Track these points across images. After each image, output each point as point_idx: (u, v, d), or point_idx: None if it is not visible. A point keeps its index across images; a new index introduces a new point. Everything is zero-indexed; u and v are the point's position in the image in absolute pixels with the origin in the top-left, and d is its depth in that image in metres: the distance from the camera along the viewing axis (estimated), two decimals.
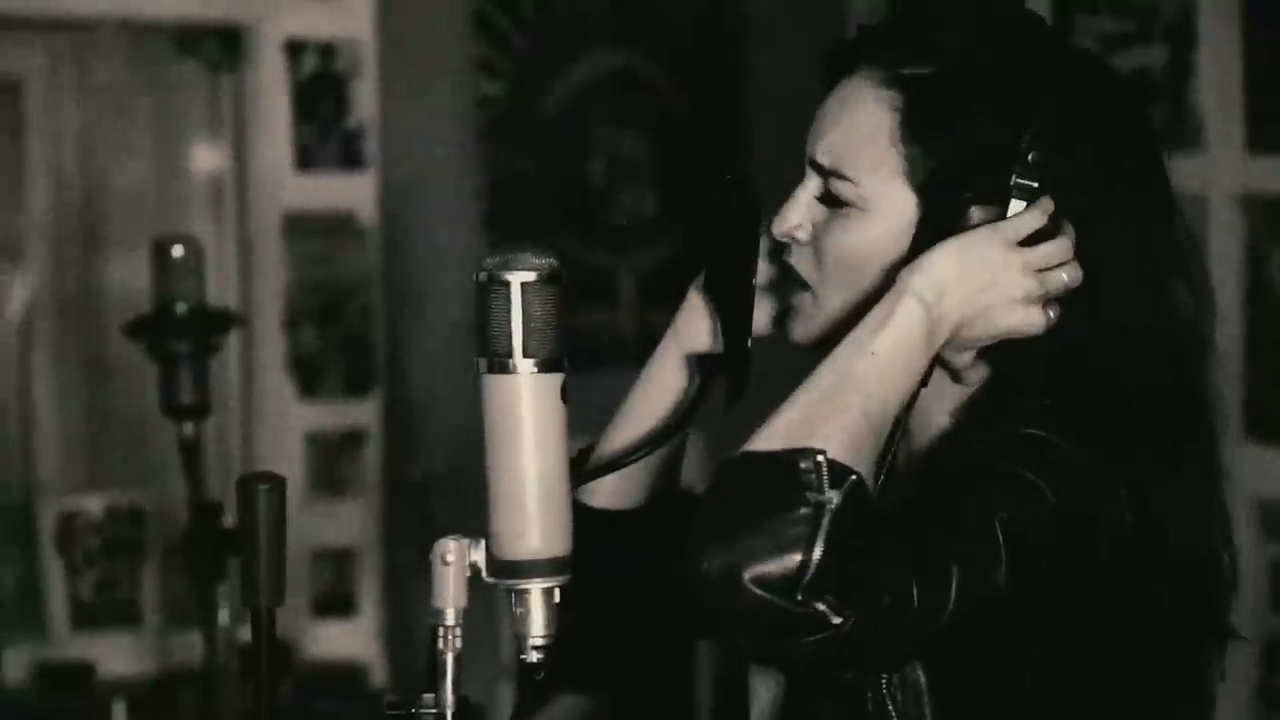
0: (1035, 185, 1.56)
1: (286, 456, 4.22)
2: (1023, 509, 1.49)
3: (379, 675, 4.27)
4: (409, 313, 4.33)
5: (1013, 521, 1.48)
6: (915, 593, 1.44)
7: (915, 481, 1.60)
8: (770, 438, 1.49)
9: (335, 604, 4.29)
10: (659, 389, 1.76)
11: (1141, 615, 1.56)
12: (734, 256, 1.67)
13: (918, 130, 1.59)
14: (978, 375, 1.61)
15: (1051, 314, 1.57)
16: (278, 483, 1.40)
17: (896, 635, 1.46)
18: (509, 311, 1.45)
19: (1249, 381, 3.39)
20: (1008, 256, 1.55)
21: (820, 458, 1.45)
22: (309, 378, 4.28)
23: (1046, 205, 1.57)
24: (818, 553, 1.42)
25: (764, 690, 1.68)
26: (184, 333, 2.65)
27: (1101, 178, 1.59)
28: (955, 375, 1.62)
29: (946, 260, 1.55)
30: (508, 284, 1.45)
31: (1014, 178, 1.56)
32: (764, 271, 1.68)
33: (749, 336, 1.67)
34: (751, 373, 1.67)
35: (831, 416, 1.50)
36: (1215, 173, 3.43)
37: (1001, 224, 1.56)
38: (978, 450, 1.55)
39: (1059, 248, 1.57)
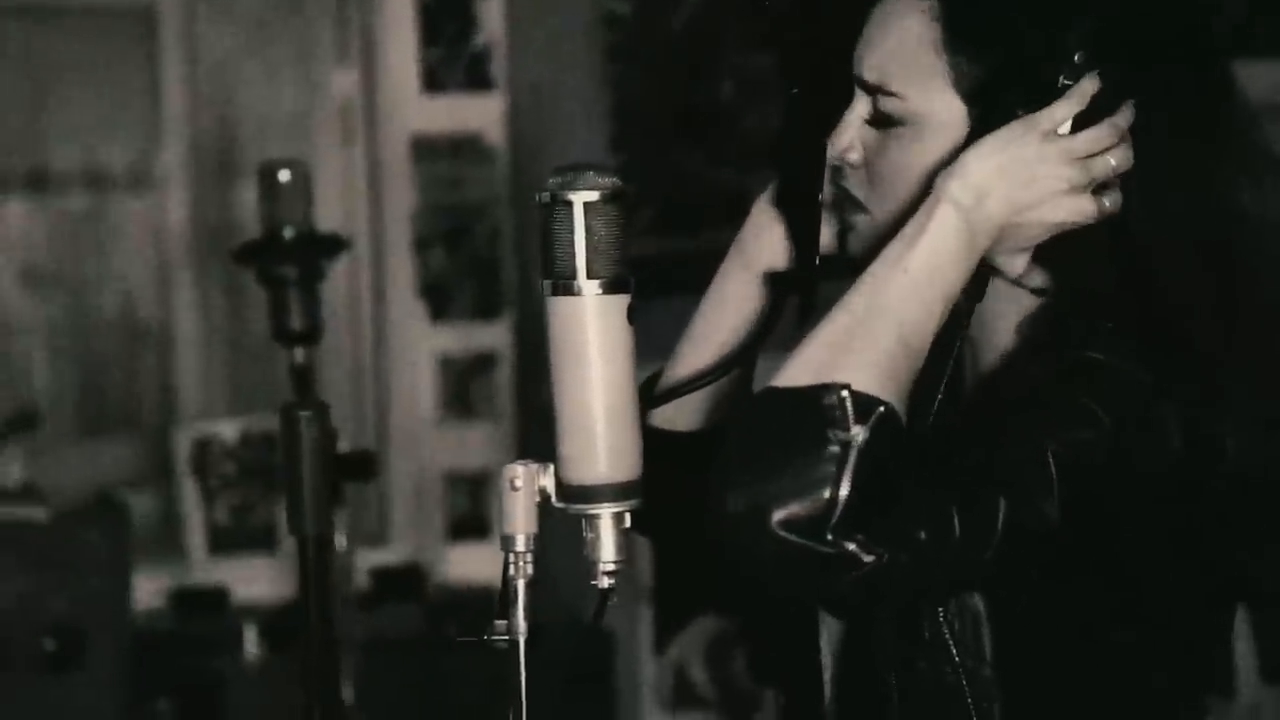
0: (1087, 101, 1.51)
1: (418, 380, 4.23)
2: (1077, 438, 1.45)
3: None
4: (538, 235, 4.30)
5: (1065, 451, 1.44)
6: (957, 526, 1.41)
7: (976, 404, 1.57)
8: (795, 372, 1.45)
9: (469, 527, 4.30)
10: (726, 309, 1.72)
11: (1197, 536, 1.52)
12: (801, 174, 1.64)
13: (961, 37, 1.54)
14: (1038, 279, 1.56)
15: (1108, 202, 1.52)
16: (320, 409, 1.39)
17: (937, 570, 1.43)
18: (572, 232, 1.44)
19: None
20: (1046, 147, 1.50)
21: (845, 393, 1.42)
22: (439, 301, 4.28)
23: (1086, 88, 1.51)
24: (844, 491, 1.39)
25: (831, 617, 1.66)
26: (291, 258, 2.65)
27: (1159, 84, 1.54)
28: (1014, 282, 1.57)
29: (982, 160, 1.50)
30: (570, 204, 1.44)
31: (1060, 79, 1.51)
32: (827, 191, 1.65)
33: (817, 254, 1.63)
34: (821, 291, 1.63)
35: (860, 346, 1.46)
36: None
37: (1038, 114, 1.51)
38: (1035, 374, 1.51)
39: (1103, 131, 1.52)
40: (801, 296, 1.64)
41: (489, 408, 4.31)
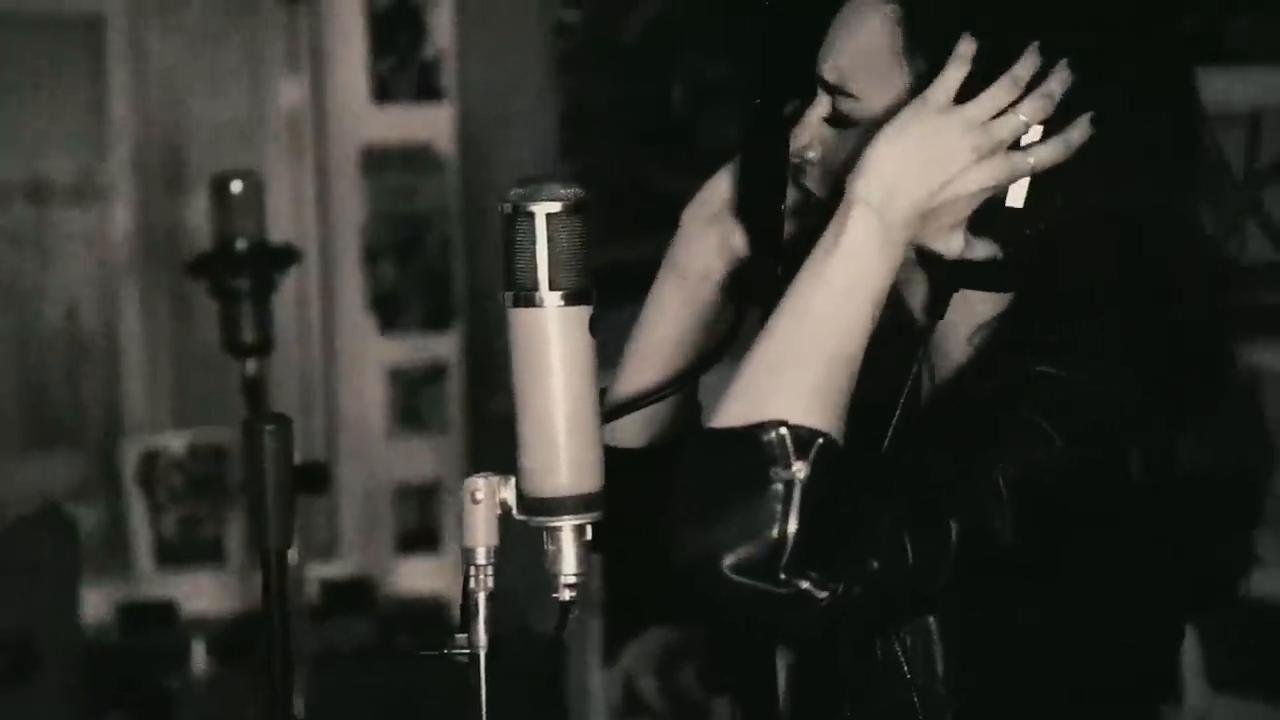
0: (1052, 114, 1.49)
1: (367, 392, 4.21)
2: (1027, 456, 1.43)
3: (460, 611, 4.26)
4: (488, 245, 4.30)
5: (1016, 469, 1.43)
6: (909, 552, 1.40)
7: (928, 421, 1.56)
8: (731, 410, 1.44)
9: (419, 539, 4.29)
10: (664, 321, 1.71)
11: (1152, 554, 1.51)
12: (762, 181, 1.62)
13: (921, 43, 1.53)
14: (982, 249, 1.52)
15: (1031, 159, 1.49)
16: (283, 423, 1.37)
17: (893, 596, 1.42)
18: (534, 243, 1.43)
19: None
20: (943, 122, 1.48)
21: (782, 429, 1.41)
22: (389, 312, 4.27)
23: (964, 51, 1.49)
24: (792, 528, 1.38)
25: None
26: (244, 270, 2.63)
27: (1120, 95, 1.52)
28: (968, 285, 1.55)
29: (883, 153, 1.48)
30: (532, 215, 1.43)
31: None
32: (790, 195, 1.64)
33: (780, 262, 1.62)
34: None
35: (791, 374, 1.44)
36: None
37: (926, 91, 1.49)
38: (986, 390, 1.49)
39: (1000, 89, 1.49)
40: (764, 306, 1.63)
41: (439, 419, 4.30)
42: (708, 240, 1.70)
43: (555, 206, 1.43)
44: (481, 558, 1.47)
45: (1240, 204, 1.60)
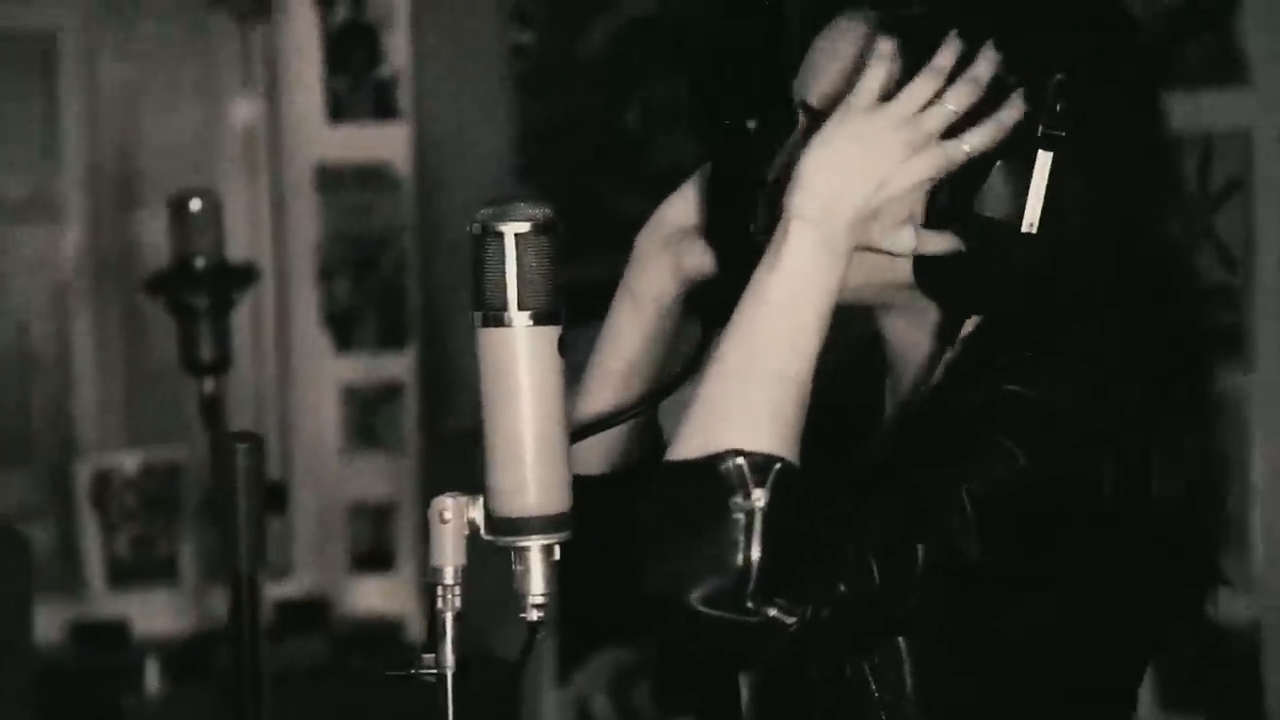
0: (1063, 135, 1.48)
1: (322, 411, 4.20)
2: (994, 476, 1.43)
3: (415, 630, 4.26)
4: (444, 264, 4.30)
5: (982, 489, 1.43)
6: (876, 574, 1.40)
7: (895, 439, 1.55)
8: (687, 441, 1.44)
9: (373, 559, 4.27)
10: (620, 345, 1.71)
11: (1123, 573, 1.51)
12: (731, 202, 1.62)
13: (909, 70, 1.51)
14: (936, 243, 1.51)
15: (966, 146, 1.48)
16: (255, 442, 1.37)
17: (861, 618, 1.42)
18: (503, 263, 1.43)
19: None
20: (870, 123, 1.47)
21: (739, 459, 1.41)
22: (344, 331, 4.26)
23: (883, 50, 1.50)
24: (756, 556, 1.38)
25: None
26: (202, 288, 2.63)
27: (1098, 119, 1.52)
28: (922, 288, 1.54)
29: (815, 163, 1.47)
30: (501, 235, 1.43)
31: (1041, 128, 1.48)
32: (762, 216, 1.63)
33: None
34: None
35: (743, 400, 1.44)
36: (1260, 108, 3.36)
37: (850, 96, 1.49)
38: (953, 408, 1.49)
39: (923, 81, 1.49)
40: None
41: (394, 438, 4.29)
42: (662, 264, 1.70)
43: (524, 226, 1.42)
44: (449, 577, 1.47)
45: (1193, 223, 1.61)
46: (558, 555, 1.44)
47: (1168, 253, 1.57)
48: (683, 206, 1.71)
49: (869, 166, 1.47)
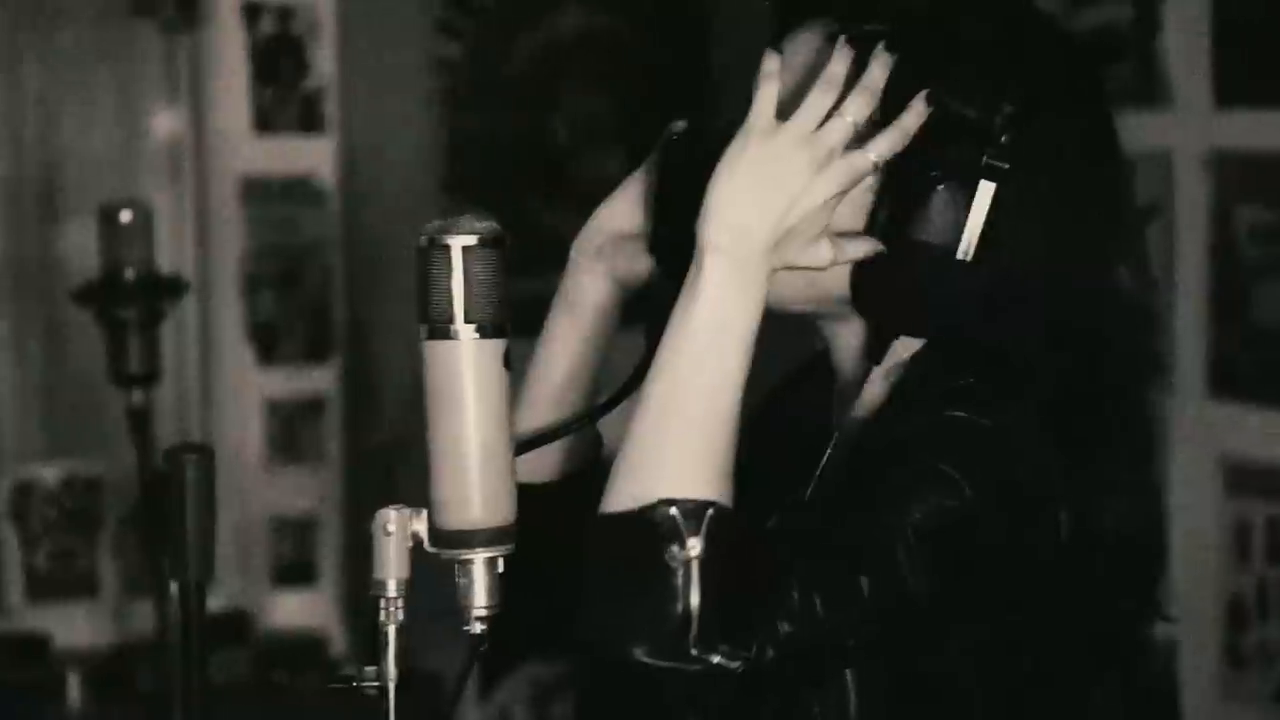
0: (1006, 167, 1.49)
1: (245, 424, 4.17)
2: (938, 506, 1.43)
3: (338, 645, 4.24)
4: (369, 277, 4.29)
5: (927, 521, 1.42)
6: (820, 608, 1.40)
7: (840, 468, 1.55)
8: (619, 492, 1.45)
9: (295, 573, 4.25)
10: (558, 356, 1.72)
11: (1067, 604, 1.51)
12: (677, 214, 1.60)
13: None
14: (852, 250, 1.51)
15: (872, 155, 1.48)
16: (206, 453, 1.37)
17: (807, 656, 1.42)
18: (450, 276, 1.43)
19: (1212, 338, 3.37)
20: (771, 145, 1.47)
21: (672, 509, 1.41)
22: (268, 344, 4.24)
23: (769, 68, 1.49)
24: (695, 604, 1.38)
25: None
26: (132, 299, 2.62)
27: (1050, 147, 1.53)
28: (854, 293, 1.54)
29: (722, 191, 1.47)
30: (448, 248, 1.43)
31: (985, 158, 1.49)
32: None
33: None
34: None
35: (671, 443, 1.44)
36: (1181, 129, 3.40)
37: (745, 123, 1.49)
38: (897, 436, 1.49)
39: (817, 97, 1.49)
40: None
41: (317, 452, 4.27)
42: (598, 271, 1.71)
43: (471, 240, 1.43)
44: (392, 590, 1.46)
45: (1148, 254, 1.62)
46: (502, 568, 1.44)
47: (1109, 284, 1.57)
48: (617, 212, 1.72)
49: (776, 189, 1.47)
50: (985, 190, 1.49)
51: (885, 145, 1.49)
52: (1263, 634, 3.33)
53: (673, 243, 1.61)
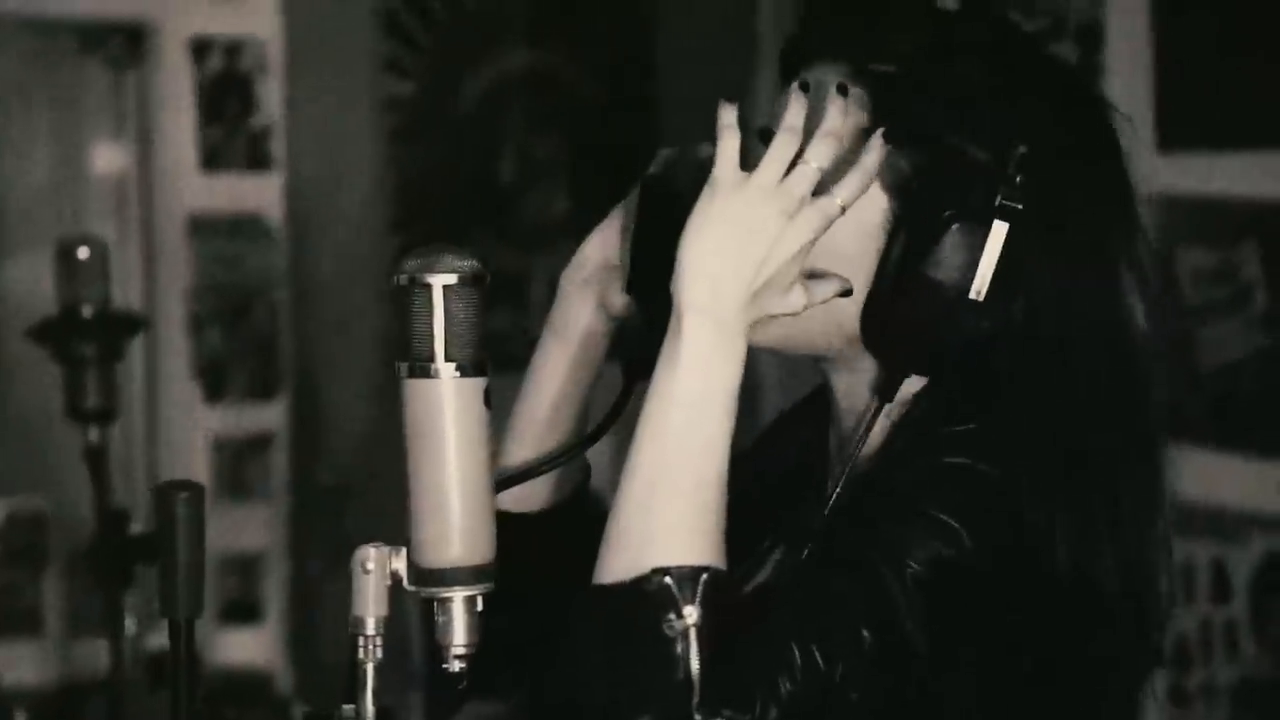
0: (1019, 208, 1.49)
1: (192, 461, 4.16)
2: (937, 556, 1.43)
3: (284, 683, 4.23)
4: (317, 315, 4.29)
5: (925, 570, 1.43)
6: (821, 663, 1.40)
7: (839, 517, 1.54)
8: (612, 562, 1.45)
9: (241, 611, 4.24)
10: (547, 387, 1.72)
11: (1067, 648, 1.51)
12: (656, 255, 1.59)
13: (890, 131, 1.51)
14: (825, 290, 1.51)
15: (839, 199, 1.47)
16: (196, 491, 1.37)
17: (811, 712, 1.42)
18: (430, 315, 1.42)
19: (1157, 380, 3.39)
20: (739, 198, 1.47)
21: (666, 579, 1.40)
22: (215, 381, 4.23)
23: (725, 119, 1.49)
24: (695, 669, 1.38)
25: None
26: (90, 336, 2.60)
27: (1064, 189, 1.53)
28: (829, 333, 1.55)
29: (695, 249, 1.47)
30: (429, 286, 1.42)
31: (999, 199, 1.49)
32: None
33: None
34: None
35: (662, 510, 1.45)
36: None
37: (710, 177, 1.48)
38: (898, 483, 1.49)
39: (780, 145, 1.48)
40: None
41: (264, 489, 4.26)
42: (586, 301, 1.71)
43: (452, 278, 1.42)
44: (371, 628, 1.46)
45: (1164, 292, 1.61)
46: (480, 606, 1.45)
47: (1122, 326, 1.56)
48: (604, 242, 1.72)
49: (748, 243, 1.46)
50: (999, 230, 1.49)
51: (851, 188, 1.49)
52: (1207, 674, 3.36)
53: (649, 283, 1.62)
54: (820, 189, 1.49)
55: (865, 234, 1.53)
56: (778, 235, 1.46)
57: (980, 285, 1.50)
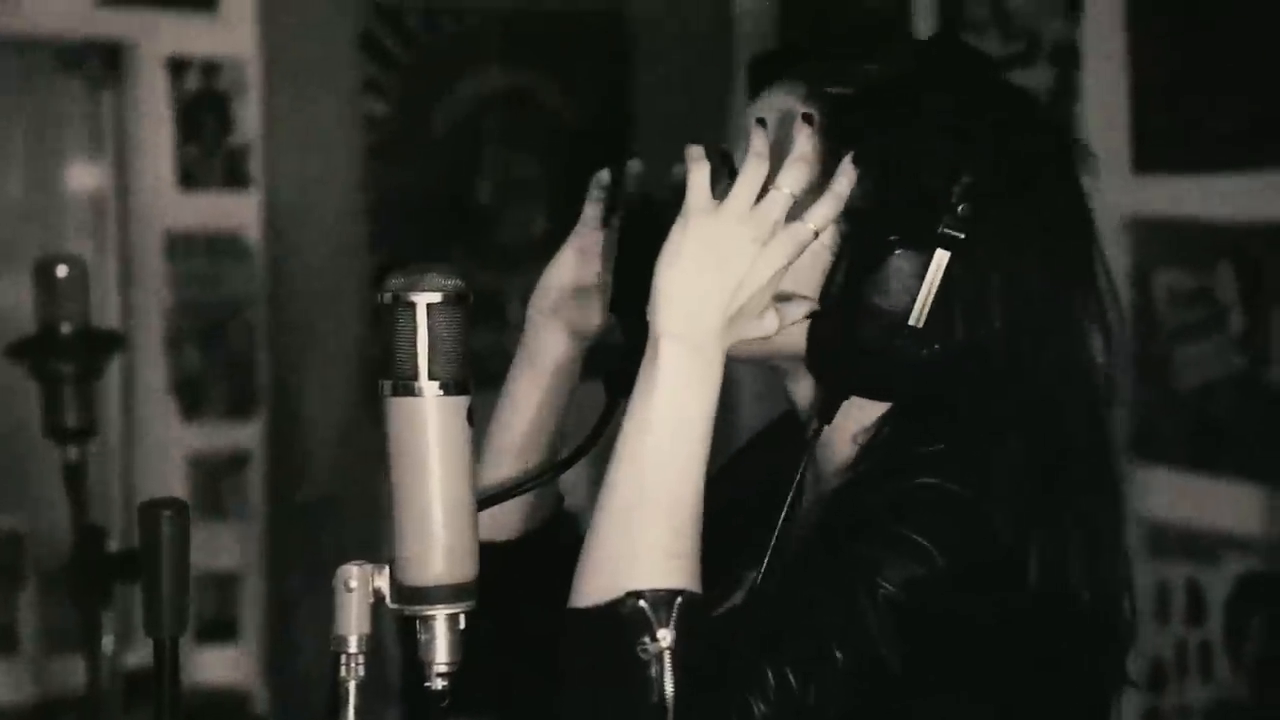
0: (962, 237, 1.50)
1: (169, 479, 4.16)
2: (909, 575, 1.44)
3: (260, 703, 4.22)
4: (293, 333, 4.29)
5: (899, 592, 1.43)
6: (794, 685, 1.41)
7: (811, 537, 1.54)
8: (587, 586, 1.46)
9: (217, 630, 4.24)
10: (520, 412, 1.73)
11: (1040, 668, 1.51)
12: (641, 274, 1.59)
13: (838, 151, 1.53)
14: (796, 311, 1.53)
15: (810, 225, 1.49)
16: (181, 509, 1.37)
17: None
18: (414, 333, 1.42)
19: (1134, 401, 3.41)
20: (712, 225, 1.48)
21: (640, 602, 1.42)
22: (192, 399, 4.23)
23: (694, 154, 1.51)
24: (670, 691, 1.40)
25: None
26: (68, 354, 2.60)
27: (1026, 224, 1.54)
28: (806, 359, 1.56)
29: (670, 277, 1.49)
30: (413, 305, 1.42)
31: (941, 227, 1.51)
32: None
33: None
34: None
35: (637, 534, 1.46)
36: (1101, 194, 3.44)
37: (684, 207, 1.49)
38: (869, 505, 1.49)
39: (749, 173, 1.50)
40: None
41: (240, 508, 4.26)
42: (555, 326, 1.72)
43: (436, 297, 1.42)
44: (353, 646, 1.46)
45: (1120, 324, 1.63)
46: (463, 624, 1.45)
47: (1074, 350, 1.57)
48: (564, 267, 1.72)
49: (723, 270, 1.48)
50: (940, 258, 1.50)
51: (824, 213, 1.50)
52: (1182, 695, 3.37)
53: (634, 302, 1.61)
54: (791, 214, 1.51)
55: (813, 253, 1.53)
56: (752, 261, 1.48)
57: (920, 312, 1.51)
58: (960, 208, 1.51)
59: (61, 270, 2.64)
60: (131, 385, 4.23)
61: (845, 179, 1.51)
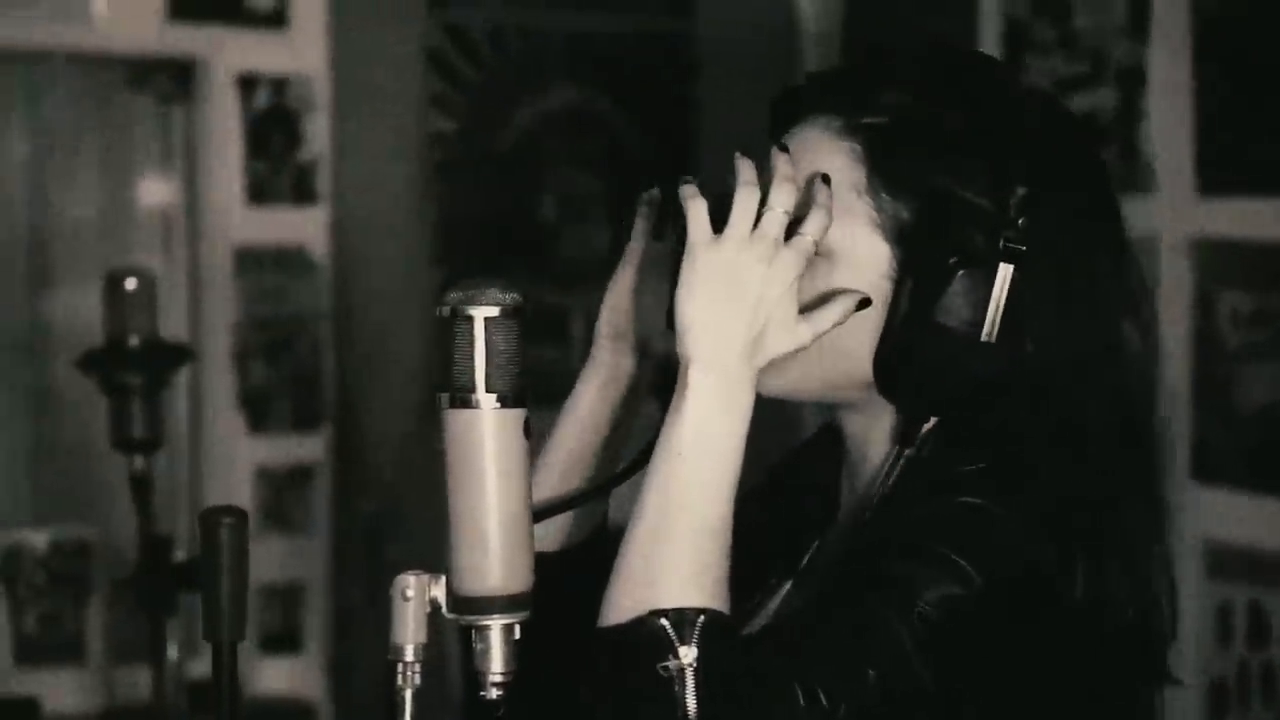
0: (1024, 249, 1.51)
1: (235, 491, 4.19)
2: (946, 595, 1.44)
3: (324, 713, 4.25)
4: (359, 347, 4.32)
5: (934, 610, 1.44)
6: (826, 704, 1.41)
7: (848, 552, 1.55)
8: (615, 605, 1.47)
9: (282, 640, 4.27)
10: (584, 426, 1.74)
11: (1078, 677, 1.52)
12: None
13: (888, 181, 1.55)
14: (827, 319, 1.53)
15: (809, 236, 1.51)
16: (240, 517, 1.39)
17: None
18: (472, 346, 1.43)
19: (1195, 422, 3.41)
20: (719, 252, 1.50)
21: (663, 620, 1.43)
22: (258, 412, 4.27)
23: (689, 191, 1.53)
24: (693, 712, 1.41)
25: None
26: (136, 366, 2.63)
27: (1060, 225, 1.55)
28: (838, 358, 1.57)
29: (690, 308, 1.50)
30: (471, 318, 1.43)
31: (1003, 242, 1.52)
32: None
33: None
34: None
35: (664, 555, 1.47)
36: (1165, 215, 3.45)
37: (687, 243, 1.52)
38: (907, 522, 1.50)
39: (743, 197, 1.51)
40: None
41: (305, 520, 4.29)
42: (621, 348, 1.73)
43: (494, 311, 1.44)
44: (410, 655, 1.48)
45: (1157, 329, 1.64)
46: (518, 634, 1.46)
47: (1126, 364, 1.58)
48: (623, 287, 1.73)
49: (736, 293, 1.49)
50: (1004, 272, 1.52)
51: (817, 223, 1.52)
52: (1244, 717, 3.36)
53: None
54: (789, 234, 1.52)
55: (870, 285, 1.55)
56: (762, 280, 1.50)
57: (990, 328, 1.52)
58: (1019, 220, 1.52)
59: (131, 283, 2.67)
60: (199, 397, 4.27)
61: (823, 191, 1.52)
